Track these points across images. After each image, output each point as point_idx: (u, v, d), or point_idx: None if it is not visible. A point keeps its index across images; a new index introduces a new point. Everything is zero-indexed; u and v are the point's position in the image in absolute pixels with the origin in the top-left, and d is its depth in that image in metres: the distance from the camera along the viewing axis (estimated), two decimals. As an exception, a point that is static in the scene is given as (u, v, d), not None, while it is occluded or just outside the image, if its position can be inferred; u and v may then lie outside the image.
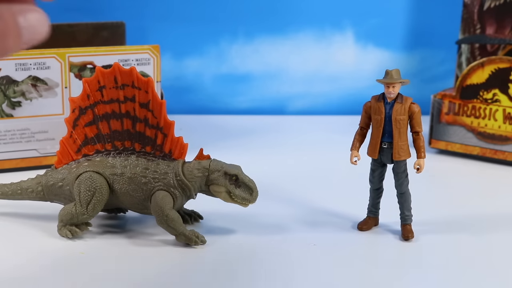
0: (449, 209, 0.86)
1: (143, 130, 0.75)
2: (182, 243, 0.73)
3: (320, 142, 1.17)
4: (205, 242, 0.73)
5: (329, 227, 0.80)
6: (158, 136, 0.74)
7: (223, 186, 0.73)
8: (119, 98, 0.75)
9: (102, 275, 0.67)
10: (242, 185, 0.73)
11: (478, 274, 0.69)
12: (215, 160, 0.74)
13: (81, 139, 0.76)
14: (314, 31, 1.36)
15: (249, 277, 0.67)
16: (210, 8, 1.33)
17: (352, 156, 0.77)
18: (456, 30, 1.22)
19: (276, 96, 1.38)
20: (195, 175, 0.73)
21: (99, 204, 0.74)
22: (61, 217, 0.74)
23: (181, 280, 0.66)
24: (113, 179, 0.74)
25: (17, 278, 0.65)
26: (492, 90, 1.05)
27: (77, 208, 0.73)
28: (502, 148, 1.05)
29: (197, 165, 0.73)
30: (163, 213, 0.72)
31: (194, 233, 0.73)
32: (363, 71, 1.37)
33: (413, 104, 0.74)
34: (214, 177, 0.73)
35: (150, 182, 0.73)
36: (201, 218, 0.80)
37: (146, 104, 0.74)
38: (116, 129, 0.75)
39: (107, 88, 0.75)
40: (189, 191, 0.74)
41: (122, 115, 0.75)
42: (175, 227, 0.72)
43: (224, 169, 0.73)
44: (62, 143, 0.76)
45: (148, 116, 0.74)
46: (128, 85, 0.74)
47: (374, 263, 0.72)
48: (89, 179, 0.74)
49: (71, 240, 0.74)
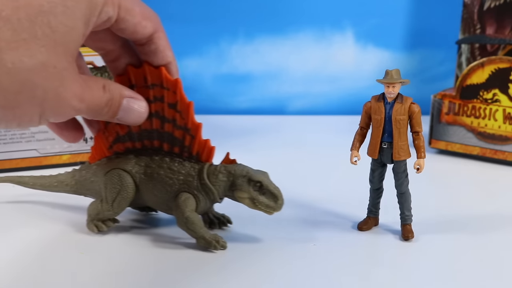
0: (449, 209, 0.86)
1: (171, 130, 0.74)
2: (201, 247, 0.72)
3: (320, 142, 1.17)
4: (225, 247, 0.72)
5: (329, 227, 0.80)
6: (186, 137, 0.73)
7: (246, 192, 0.71)
8: (149, 97, 0.73)
9: (107, 274, 0.67)
10: (266, 192, 0.71)
11: (478, 273, 0.69)
12: (240, 165, 0.73)
13: (112, 136, 0.76)
14: (314, 31, 1.36)
15: (249, 276, 0.67)
16: (210, 8, 1.33)
17: (352, 156, 0.77)
18: (456, 30, 1.23)
19: (276, 96, 1.38)
20: (220, 179, 0.72)
21: (124, 202, 0.74)
22: (89, 212, 0.75)
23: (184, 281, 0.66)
24: (140, 178, 0.74)
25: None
26: (492, 90, 1.05)
27: (103, 204, 0.74)
28: (502, 148, 1.05)
29: (222, 169, 0.72)
30: (183, 215, 0.71)
31: (215, 237, 0.71)
32: (363, 71, 1.37)
33: (413, 104, 0.74)
34: (238, 182, 0.71)
35: (175, 184, 0.73)
36: (230, 223, 0.79)
37: (174, 104, 0.73)
38: (145, 128, 0.74)
39: (137, 86, 0.73)
40: (213, 195, 0.73)
41: (152, 114, 0.74)
42: (195, 229, 0.71)
43: (249, 175, 0.71)
44: (96, 139, 0.77)
45: (176, 117, 0.73)
46: (157, 85, 0.73)
47: (374, 263, 0.72)
48: (116, 176, 0.74)
49: (98, 235, 0.75)
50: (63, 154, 1.00)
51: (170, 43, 0.70)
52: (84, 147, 1.00)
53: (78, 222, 0.78)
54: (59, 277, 0.66)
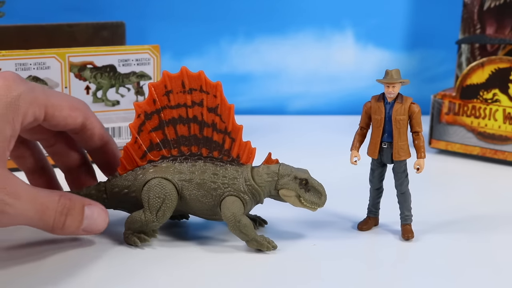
0: (449, 209, 0.86)
1: (210, 135, 0.73)
2: (253, 249, 0.72)
3: (320, 142, 1.17)
4: (276, 247, 0.72)
5: (329, 227, 0.80)
6: (226, 140, 0.73)
7: (293, 190, 0.72)
8: (187, 103, 0.73)
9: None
10: (311, 189, 0.73)
11: (478, 274, 0.69)
12: (284, 164, 0.74)
13: (146, 144, 0.74)
14: (314, 31, 1.36)
15: (248, 276, 0.67)
16: (210, 8, 1.33)
17: (352, 156, 0.77)
18: (456, 30, 1.22)
19: (276, 96, 1.38)
20: (265, 180, 0.73)
21: (169, 211, 0.72)
22: (129, 225, 0.73)
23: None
24: (182, 185, 0.73)
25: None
26: (492, 90, 1.05)
27: (146, 215, 0.72)
28: (502, 148, 1.05)
29: (266, 170, 0.73)
30: (235, 218, 0.71)
31: (265, 239, 0.72)
32: (363, 71, 1.37)
33: (413, 104, 0.74)
34: (284, 181, 0.72)
35: (220, 188, 0.72)
36: (266, 223, 0.79)
37: (214, 108, 0.73)
38: (182, 134, 0.74)
39: (174, 92, 0.73)
40: (259, 196, 0.73)
41: (189, 119, 0.73)
42: (248, 232, 0.71)
43: (294, 173, 0.72)
44: (126, 149, 0.74)
45: (216, 120, 0.73)
46: (196, 89, 0.73)
47: (374, 263, 0.72)
48: (158, 185, 0.72)
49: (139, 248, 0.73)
50: (63, 154, 0.99)
51: (102, 124, 0.74)
52: (84, 147, 1.00)
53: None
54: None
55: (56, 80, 0.97)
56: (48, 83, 0.96)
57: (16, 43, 1.04)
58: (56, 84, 0.97)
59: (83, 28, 1.12)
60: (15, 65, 0.94)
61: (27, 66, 0.95)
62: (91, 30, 1.12)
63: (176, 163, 0.74)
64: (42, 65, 0.95)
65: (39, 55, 0.95)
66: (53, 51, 0.96)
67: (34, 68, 0.95)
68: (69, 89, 0.98)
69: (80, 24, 1.12)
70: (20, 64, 0.94)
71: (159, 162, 0.74)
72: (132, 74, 1.01)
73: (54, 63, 0.96)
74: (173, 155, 0.74)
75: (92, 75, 0.99)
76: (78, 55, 0.97)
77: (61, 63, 0.97)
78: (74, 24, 1.12)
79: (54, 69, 0.96)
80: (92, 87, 0.99)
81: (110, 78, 1.00)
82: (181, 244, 0.74)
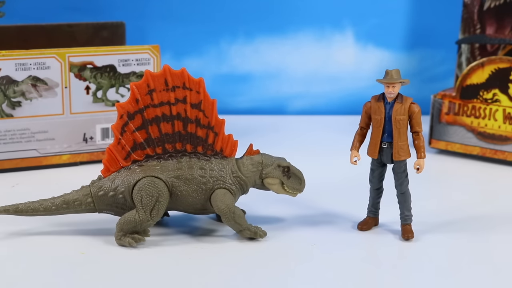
0: (449, 209, 0.86)
1: (194, 130, 0.74)
2: (246, 237, 0.74)
3: (320, 142, 1.17)
4: (266, 234, 0.75)
5: (329, 227, 0.80)
6: (209, 135, 0.75)
7: (277, 178, 0.76)
8: (170, 101, 0.73)
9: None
10: (292, 175, 0.76)
11: (478, 274, 0.69)
12: (265, 154, 0.77)
13: (129, 145, 0.74)
14: (314, 31, 1.36)
15: (247, 276, 0.67)
16: (210, 8, 1.33)
17: (352, 156, 0.77)
18: (456, 30, 1.23)
19: (276, 96, 1.38)
20: (250, 170, 0.75)
21: (162, 209, 0.72)
22: (121, 226, 0.72)
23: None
24: (172, 182, 0.73)
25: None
26: (492, 90, 1.05)
27: (140, 215, 0.71)
28: (502, 148, 1.05)
29: (250, 161, 0.76)
30: (230, 210, 0.73)
31: (256, 227, 0.74)
32: (363, 71, 1.37)
33: (413, 104, 0.74)
34: (268, 170, 0.75)
35: (209, 182, 0.73)
36: (244, 213, 0.78)
37: (197, 104, 0.74)
38: (166, 132, 0.74)
39: (157, 91, 0.73)
40: (246, 186, 0.76)
41: (173, 117, 0.74)
42: (241, 222, 0.73)
43: (277, 162, 0.76)
44: (109, 150, 0.74)
45: (200, 116, 0.74)
46: (179, 86, 0.74)
47: (374, 263, 0.72)
48: (150, 184, 0.72)
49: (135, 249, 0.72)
50: (63, 154, 1.00)
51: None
52: (84, 147, 1.00)
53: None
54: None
55: (56, 80, 0.97)
56: (48, 83, 0.96)
57: (16, 43, 1.04)
58: (56, 84, 0.97)
59: (83, 28, 1.12)
60: (15, 65, 0.94)
61: (27, 66, 0.95)
62: (91, 30, 1.12)
63: (161, 161, 0.74)
64: (42, 65, 0.96)
65: (39, 55, 0.95)
66: (53, 51, 0.96)
67: (34, 68, 0.95)
68: (69, 89, 0.98)
69: (80, 24, 1.12)
70: (20, 64, 0.94)
71: (144, 162, 0.74)
72: (132, 74, 1.01)
73: (54, 63, 0.96)
74: (157, 154, 0.74)
75: (92, 75, 0.99)
76: (78, 55, 0.98)
77: (61, 63, 0.97)
78: (74, 24, 1.12)
79: (54, 69, 0.96)
80: (92, 87, 0.99)
81: (110, 78, 1.00)
82: (174, 239, 0.75)
